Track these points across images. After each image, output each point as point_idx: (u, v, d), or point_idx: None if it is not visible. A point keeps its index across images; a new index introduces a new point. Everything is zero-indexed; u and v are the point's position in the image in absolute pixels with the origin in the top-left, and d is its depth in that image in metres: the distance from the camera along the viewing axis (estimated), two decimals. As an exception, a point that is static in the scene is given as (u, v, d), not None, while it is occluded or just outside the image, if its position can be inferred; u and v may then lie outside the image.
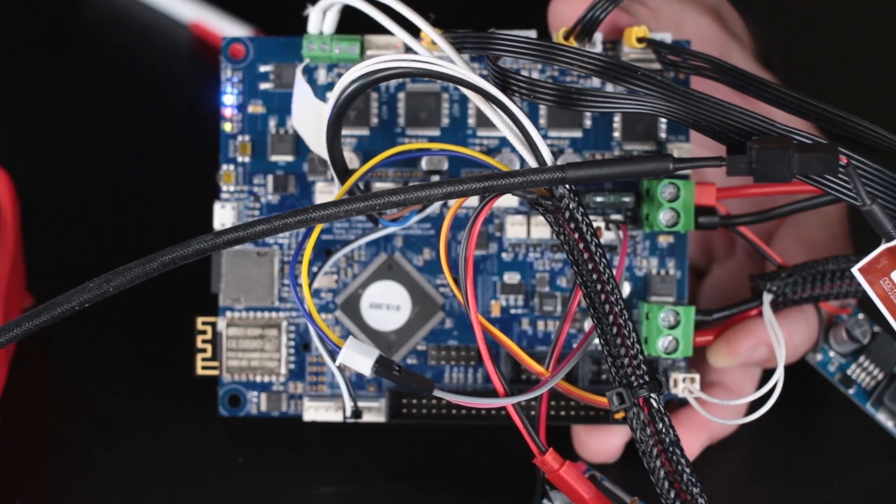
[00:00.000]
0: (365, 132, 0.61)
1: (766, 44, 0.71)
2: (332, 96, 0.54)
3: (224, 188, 0.62)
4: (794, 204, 0.60)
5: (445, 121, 0.61)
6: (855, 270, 0.51)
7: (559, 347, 0.55)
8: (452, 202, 0.57)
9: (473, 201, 0.59)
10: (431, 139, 0.61)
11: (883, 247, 0.50)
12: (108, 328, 0.68)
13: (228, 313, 0.61)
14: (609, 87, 0.59)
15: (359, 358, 0.51)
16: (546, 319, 0.62)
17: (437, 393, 0.52)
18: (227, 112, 0.62)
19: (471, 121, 0.61)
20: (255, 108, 0.62)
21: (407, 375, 0.52)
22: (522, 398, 0.53)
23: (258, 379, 0.61)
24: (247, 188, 0.62)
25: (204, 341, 0.61)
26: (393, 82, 0.61)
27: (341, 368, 0.57)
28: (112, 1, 0.82)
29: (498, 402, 0.53)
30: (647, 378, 0.51)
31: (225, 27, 0.82)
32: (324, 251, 0.61)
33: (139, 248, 0.53)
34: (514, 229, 0.61)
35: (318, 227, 0.55)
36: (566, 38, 0.58)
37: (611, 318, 0.51)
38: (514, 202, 0.61)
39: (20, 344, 0.65)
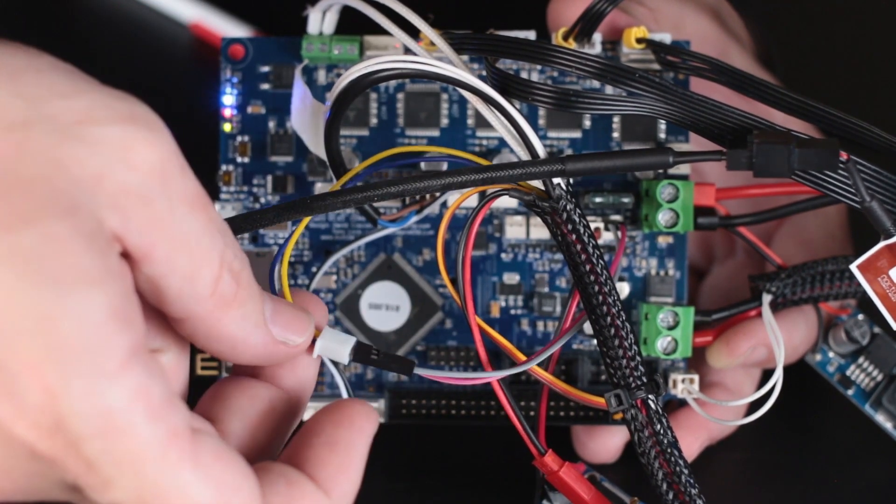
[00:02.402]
0: (364, 132, 0.61)
1: (765, 44, 0.71)
2: (330, 97, 0.54)
3: (223, 188, 0.62)
4: (793, 204, 0.60)
5: (445, 121, 0.61)
6: (853, 267, 0.51)
7: (556, 340, 0.55)
8: (451, 203, 0.57)
9: (472, 201, 0.59)
10: (431, 140, 0.61)
11: (882, 244, 0.50)
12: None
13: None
14: (608, 89, 0.59)
15: (335, 347, 0.50)
16: (545, 320, 0.62)
17: (418, 371, 0.51)
18: (227, 112, 0.62)
19: (470, 121, 0.61)
20: (255, 108, 0.62)
21: (386, 358, 0.51)
22: (505, 373, 0.53)
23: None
24: (246, 188, 0.62)
25: (203, 342, 0.61)
26: (392, 83, 0.61)
27: (339, 369, 0.57)
28: (112, 1, 0.82)
29: (481, 376, 0.53)
30: (644, 379, 0.51)
31: (225, 27, 0.82)
32: (323, 251, 0.61)
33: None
34: (514, 230, 0.61)
35: (305, 221, 0.54)
36: (565, 38, 0.58)
37: (608, 319, 0.51)
38: (513, 203, 0.61)
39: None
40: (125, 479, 0.39)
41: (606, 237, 0.60)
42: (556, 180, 0.51)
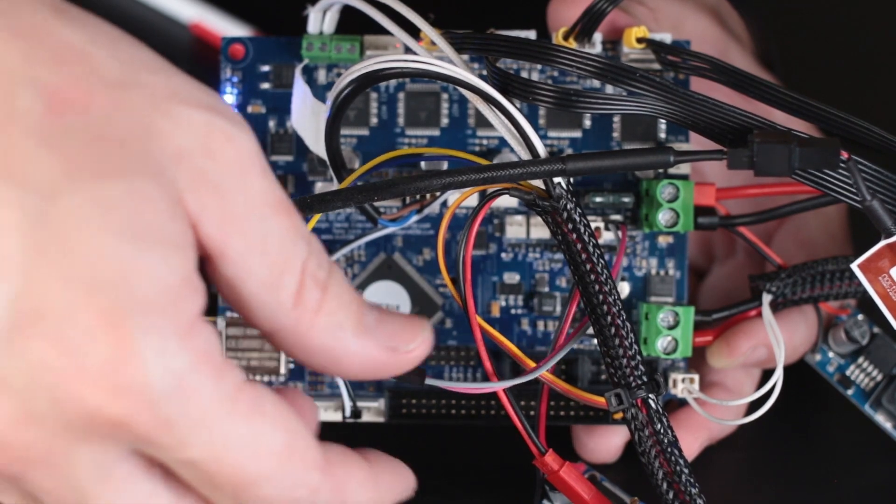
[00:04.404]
0: (364, 132, 0.62)
1: (765, 44, 0.71)
2: (331, 96, 0.54)
3: (224, 188, 0.62)
4: (793, 204, 0.60)
5: (445, 121, 0.61)
6: (854, 267, 0.51)
7: (559, 347, 0.55)
8: (451, 202, 0.57)
9: (472, 201, 0.59)
10: (431, 139, 0.61)
11: (882, 243, 0.50)
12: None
13: (228, 313, 0.61)
14: (609, 89, 0.59)
15: None
16: (546, 319, 0.62)
17: (429, 381, 0.52)
18: (227, 112, 0.62)
19: (470, 121, 0.61)
20: (255, 108, 0.62)
21: None
22: (512, 382, 0.53)
23: (258, 378, 0.61)
24: (246, 188, 0.62)
25: (203, 341, 0.61)
26: (392, 82, 0.61)
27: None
28: (112, 1, 0.82)
29: (489, 387, 0.53)
30: (645, 379, 0.51)
31: (225, 27, 0.82)
32: (323, 251, 0.61)
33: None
34: (514, 229, 0.61)
35: (314, 219, 0.55)
36: (566, 38, 0.58)
37: (609, 318, 0.51)
38: (513, 202, 0.61)
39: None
40: (200, 437, 0.39)
41: (607, 237, 0.60)
42: (556, 179, 0.51)
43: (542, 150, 0.51)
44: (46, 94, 0.38)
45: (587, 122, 0.61)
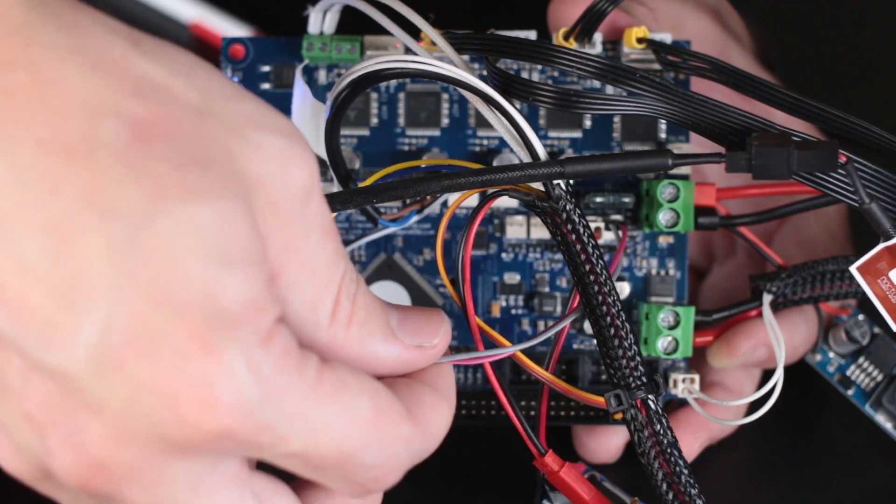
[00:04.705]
0: (365, 132, 0.62)
1: (766, 44, 0.71)
2: (330, 96, 0.54)
3: (224, 188, 0.62)
4: (794, 204, 0.60)
5: (445, 121, 0.61)
6: (853, 269, 0.51)
7: (559, 348, 0.55)
8: (451, 202, 0.57)
9: (473, 201, 0.59)
10: (431, 139, 0.61)
11: (881, 246, 0.50)
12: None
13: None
14: (609, 89, 0.59)
15: None
16: (546, 320, 0.62)
17: None
18: (227, 112, 0.62)
19: (471, 121, 0.61)
20: (255, 108, 0.62)
21: None
22: (496, 354, 0.52)
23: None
24: (247, 188, 0.62)
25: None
26: (393, 82, 0.61)
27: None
28: (112, 1, 0.82)
29: (475, 356, 0.52)
30: (644, 380, 0.51)
31: (225, 27, 0.82)
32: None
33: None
34: (514, 229, 0.61)
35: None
36: (566, 38, 0.58)
37: (608, 319, 0.51)
38: (514, 202, 0.61)
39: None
40: (297, 430, 0.40)
41: (607, 237, 0.60)
42: (555, 181, 0.51)
43: (541, 151, 0.51)
44: (130, 122, 0.38)
45: (587, 123, 0.61)
